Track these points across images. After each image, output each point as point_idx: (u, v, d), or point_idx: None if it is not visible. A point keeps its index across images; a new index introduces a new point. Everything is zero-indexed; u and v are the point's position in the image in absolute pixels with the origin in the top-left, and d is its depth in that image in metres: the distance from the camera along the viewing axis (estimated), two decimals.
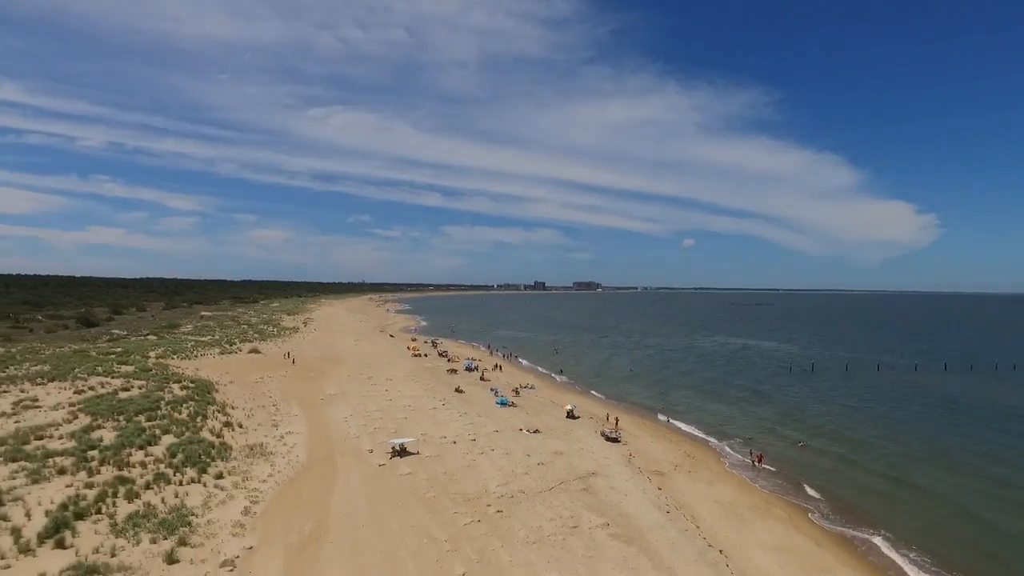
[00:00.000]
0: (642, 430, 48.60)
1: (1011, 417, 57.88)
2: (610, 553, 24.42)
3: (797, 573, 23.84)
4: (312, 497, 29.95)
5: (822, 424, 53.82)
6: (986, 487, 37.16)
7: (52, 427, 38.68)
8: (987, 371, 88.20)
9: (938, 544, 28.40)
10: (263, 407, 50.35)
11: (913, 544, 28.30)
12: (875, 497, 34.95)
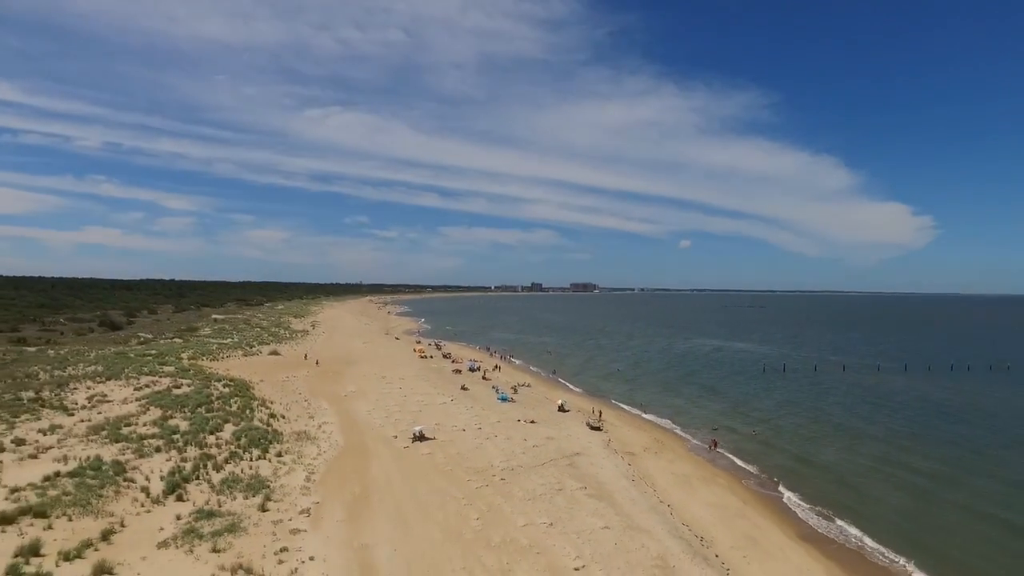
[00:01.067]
0: (621, 421, 57.04)
1: (928, 410, 67.38)
2: (586, 506, 32.78)
3: (720, 518, 32.27)
4: (355, 470, 38.21)
5: (774, 416, 62.51)
6: (873, 462, 46.28)
7: (132, 417, 46.84)
8: (939, 372, 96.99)
9: (828, 498, 37.82)
10: (296, 402, 58.55)
11: (810, 498, 37.84)
12: (794, 469, 43.85)
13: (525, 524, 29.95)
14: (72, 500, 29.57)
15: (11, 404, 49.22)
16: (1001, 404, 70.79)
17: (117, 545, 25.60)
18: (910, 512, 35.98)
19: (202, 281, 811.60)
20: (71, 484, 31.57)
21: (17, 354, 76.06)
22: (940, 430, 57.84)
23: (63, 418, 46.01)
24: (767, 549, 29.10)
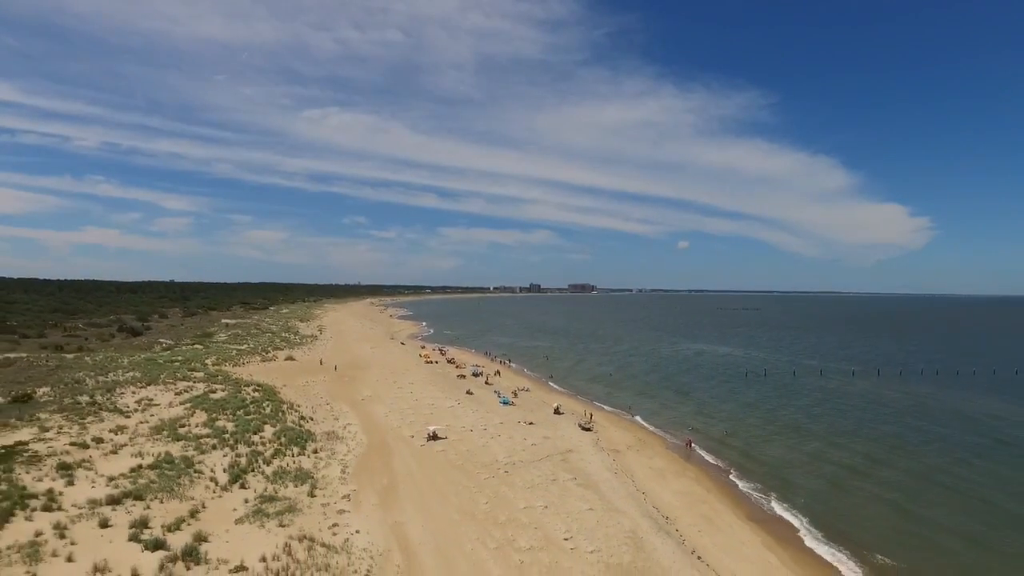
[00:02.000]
0: (609, 422, 64.15)
1: (876, 411, 75.23)
2: (575, 493, 39.85)
3: (684, 503, 39.40)
4: (381, 464, 45.22)
5: (745, 417, 69.88)
6: (811, 457, 54.02)
7: (183, 419, 53.77)
8: (908, 377, 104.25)
9: (770, 486, 45.33)
10: (320, 406, 65.49)
11: (758, 487, 45.18)
12: (756, 464, 51.10)
13: (525, 507, 37.01)
14: (159, 487, 36.53)
15: (73, 408, 56.13)
16: (944, 407, 78.13)
17: (203, 521, 32.53)
18: (827, 497, 43.55)
19: (202, 282, 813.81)
20: (154, 474, 38.53)
21: (59, 361, 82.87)
22: (876, 429, 65.38)
23: (122, 420, 52.92)
24: (719, 526, 36.20)
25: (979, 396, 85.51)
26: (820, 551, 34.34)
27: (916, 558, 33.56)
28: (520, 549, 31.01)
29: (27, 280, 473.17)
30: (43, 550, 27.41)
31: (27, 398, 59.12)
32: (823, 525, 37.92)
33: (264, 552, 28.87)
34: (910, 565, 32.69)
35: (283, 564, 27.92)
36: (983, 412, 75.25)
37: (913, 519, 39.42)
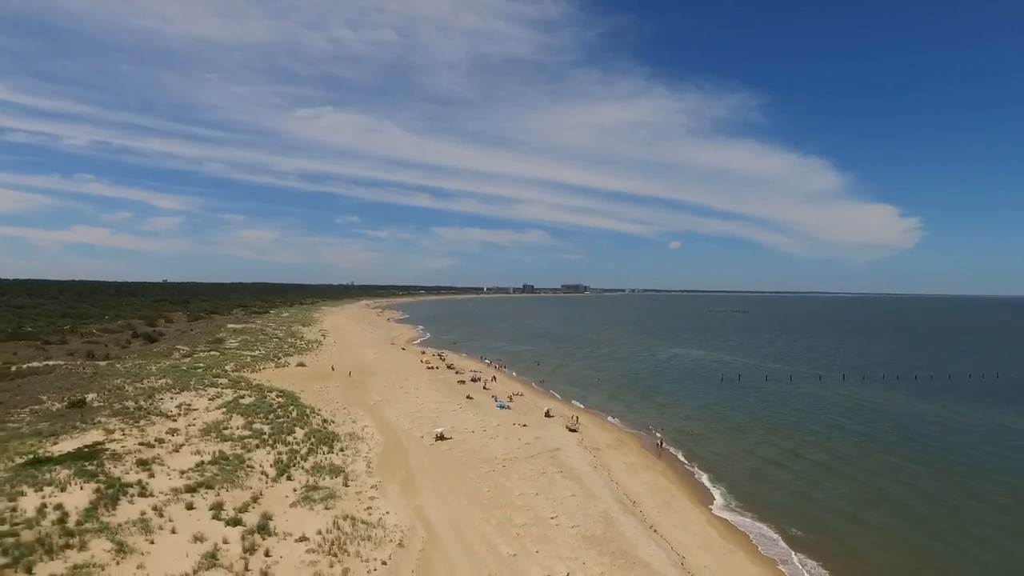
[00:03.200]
0: (593, 424, 73.00)
1: (822, 411, 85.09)
2: (560, 483, 48.60)
3: (649, 491, 48.23)
4: (398, 460, 53.76)
5: (713, 419, 78.87)
6: (769, 446, 62.45)
7: (224, 422, 62.02)
8: (870, 381, 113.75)
9: (723, 476, 54.25)
10: (337, 410, 73.83)
11: (712, 477, 53.87)
12: (710, 458, 60.28)
13: (520, 494, 45.72)
14: (222, 479, 44.93)
15: (124, 412, 64.32)
16: (881, 408, 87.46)
17: (263, 505, 40.94)
18: (758, 484, 52.77)
19: (196, 283, 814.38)
20: (215, 469, 46.90)
21: (95, 368, 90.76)
22: (816, 426, 75.79)
23: (171, 423, 61.16)
24: (675, 508, 45.08)
25: (918, 399, 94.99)
26: (746, 525, 43.36)
27: (818, 529, 42.80)
28: (516, 525, 39.72)
29: (23, 282, 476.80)
30: (151, 524, 35.84)
31: (81, 403, 67.20)
32: (751, 505, 47.48)
33: (318, 527, 37.40)
34: (822, 537, 41.69)
35: (335, 536, 36.48)
36: (910, 413, 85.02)
37: (813, 500, 49.19)
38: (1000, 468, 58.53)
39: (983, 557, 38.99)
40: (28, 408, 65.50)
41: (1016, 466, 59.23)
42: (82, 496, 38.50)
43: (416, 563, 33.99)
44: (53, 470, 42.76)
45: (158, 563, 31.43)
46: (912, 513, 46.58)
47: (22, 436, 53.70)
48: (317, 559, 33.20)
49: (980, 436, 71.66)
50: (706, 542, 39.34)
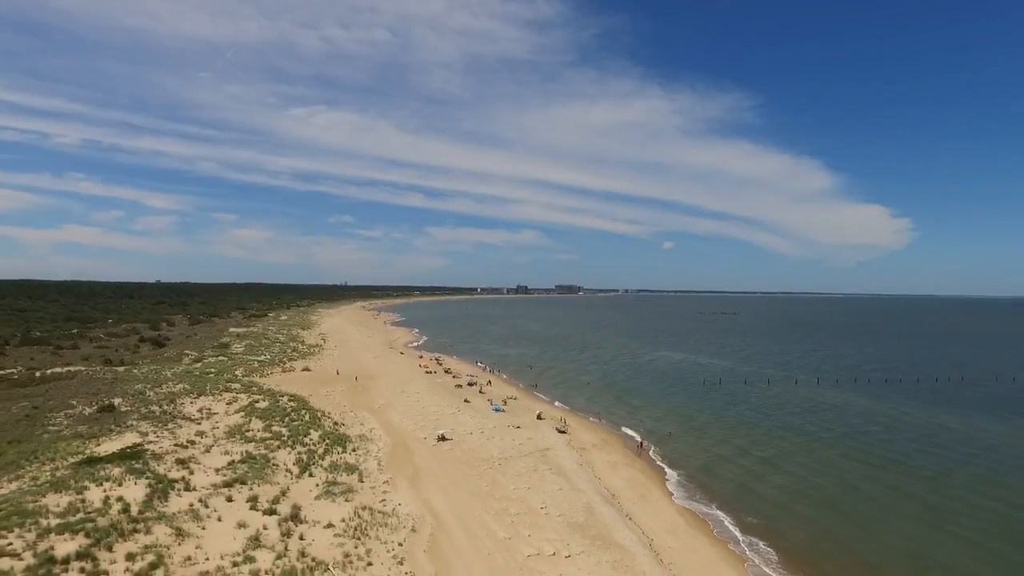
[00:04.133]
0: (581, 426, 79.63)
1: (789, 412, 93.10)
2: (549, 478, 55.16)
3: (628, 486, 54.86)
4: (405, 459, 60.13)
5: (691, 421, 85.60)
6: (726, 445, 69.38)
7: (244, 425, 68.13)
8: (843, 384, 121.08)
9: (691, 473, 60.61)
10: (345, 413, 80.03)
11: (685, 475, 60.27)
12: (682, 455, 66.78)
13: (514, 488, 52.26)
14: (253, 475, 51.17)
15: (151, 416, 70.34)
16: (842, 409, 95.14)
17: (291, 498, 47.18)
18: (720, 478, 59.51)
19: (189, 283, 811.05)
20: (245, 467, 53.14)
21: (114, 374, 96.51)
22: (772, 426, 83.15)
23: (196, 426, 67.28)
24: (649, 500, 51.75)
25: (875, 401, 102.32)
26: (706, 514, 50.10)
27: (762, 515, 49.75)
28: (511, 514, 46.25)
29: (15, 282, 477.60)
30: (200, 514, 42.11)
31: (111, 408, 73.10)
32: (711, 496, 54.63)
33: (341, 516, 43.77)
34: (768, 523, 48.54)
35: (357, 523, 42.88)
36: (861, 413, 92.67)
37: (756, 491, 56.38)
38: (921, 462, 66.35)
39: (882, 536, 46.46)
40: (63, 412, 71.35)
41: (936, 460, 67.22)
42: (137, 490, 44.69)
43: (427, 544, 40.43)
44: (105, 468, 48.87)
45: (212, 544, 37.73)
46: (833, 501, 54.13)
47: (66, 438, 59.70)
48: (344, 542, 39.58)
49: (916, 435, 79.35)
50: (672, 528, 46.04)
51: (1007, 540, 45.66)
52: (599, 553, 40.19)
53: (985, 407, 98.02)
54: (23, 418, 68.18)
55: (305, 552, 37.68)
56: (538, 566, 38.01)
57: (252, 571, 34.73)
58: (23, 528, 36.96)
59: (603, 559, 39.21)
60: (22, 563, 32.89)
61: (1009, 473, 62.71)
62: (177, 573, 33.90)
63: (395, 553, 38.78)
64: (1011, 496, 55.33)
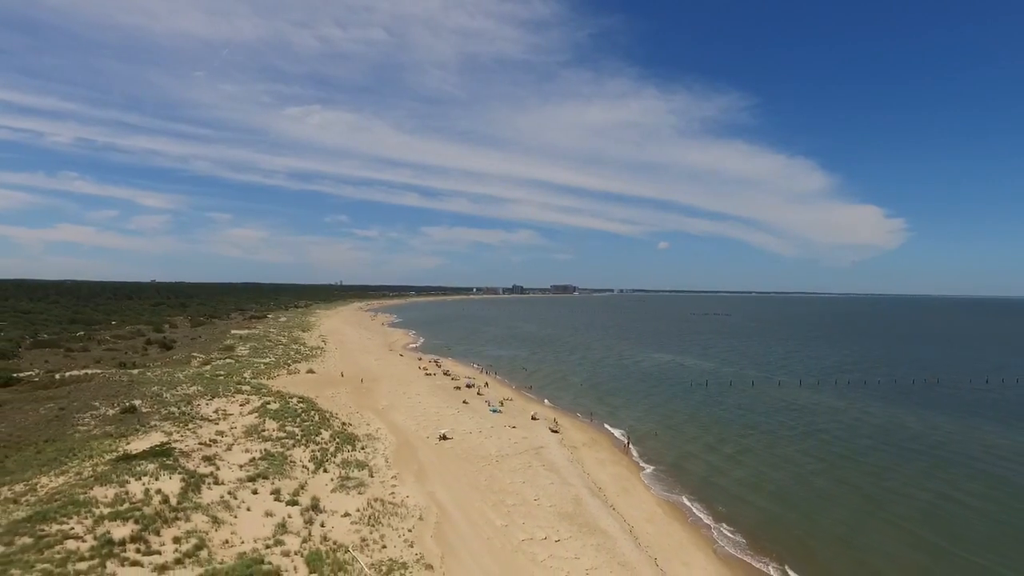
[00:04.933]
0: (572, 426, 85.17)
1: (763, 411, 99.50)
2: (542, 474, 60.65)
3: (613, 480, 60.40)
4: (410, 456, 65.46)
5: (673, 421, 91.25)
6: (696, 443, 74.98)
7: (259, 425, 73.26)
8: (823, 385, 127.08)
9: (668, 467, 66.32)
10: (352, 414, 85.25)
11: (663, 469, 65.88)
12: (671, 454, 72.37)
13: (510, 482, 57.71)
14: (273, 471, 56.40)
15: (171, 417, 75.40)
16: (816, 409, 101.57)
17: (310, 491, 52.44)
18: (697, 471, 65.44)
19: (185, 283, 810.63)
20: (265, 463, 58.37)
21: (130, 377, 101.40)
22: (741, 424, 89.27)
23: (215, 426, 72.38)
24: (632, 493, 57.31)
25: (844, 401, 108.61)
26: (680, 503, 55.75)
27: (729, 504, 55.52)
28: (507, 505, 51.72)
29: (9, 281, 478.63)
30: (231, 504, 47.38)
31: (132, 409, 78.14)
32: (687, 488, 60.58)
33: (356, 506, 49.11)
34: (731, 511, 54.28)
35: (370, 512, 48.22)
36: (827, 412, 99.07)
37: (718, 485, 62.04)
38: (871, 458, 72.62)
39: (821, 522, 52.72)
40: (88, 413, 76.37)
41: (884, 456, 73.51)
42: (173, 484, 49.89)
43: (433, 531, 45.82)
44: (140, 464, 54.01)
45: (245, 530, 43.02)
46: (783, 492, 60.35)
47: (97, 437, 64.78)
48: (360, 528, 44.94)
49: (872, 433, 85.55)
50: (651, 516, 51.62)
51: (931, 527, 51.70)
52: (585, 538, 45.70)
53: (947, 407, 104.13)
54: (53, 419, 73.16)
55: (327, 537, 43.01)
56: (531, 548, 43.49)
57: (283, 552, 40.06)
58: (80, 516, 42.18)
59: (588, 543, 44.73)
60: (86, 544, 38.11)
61: (947, 468, 69.03)
62: (218, 554, 39.18)
63: (406, 538, 44.16)
64: (944, 488, 61.65)
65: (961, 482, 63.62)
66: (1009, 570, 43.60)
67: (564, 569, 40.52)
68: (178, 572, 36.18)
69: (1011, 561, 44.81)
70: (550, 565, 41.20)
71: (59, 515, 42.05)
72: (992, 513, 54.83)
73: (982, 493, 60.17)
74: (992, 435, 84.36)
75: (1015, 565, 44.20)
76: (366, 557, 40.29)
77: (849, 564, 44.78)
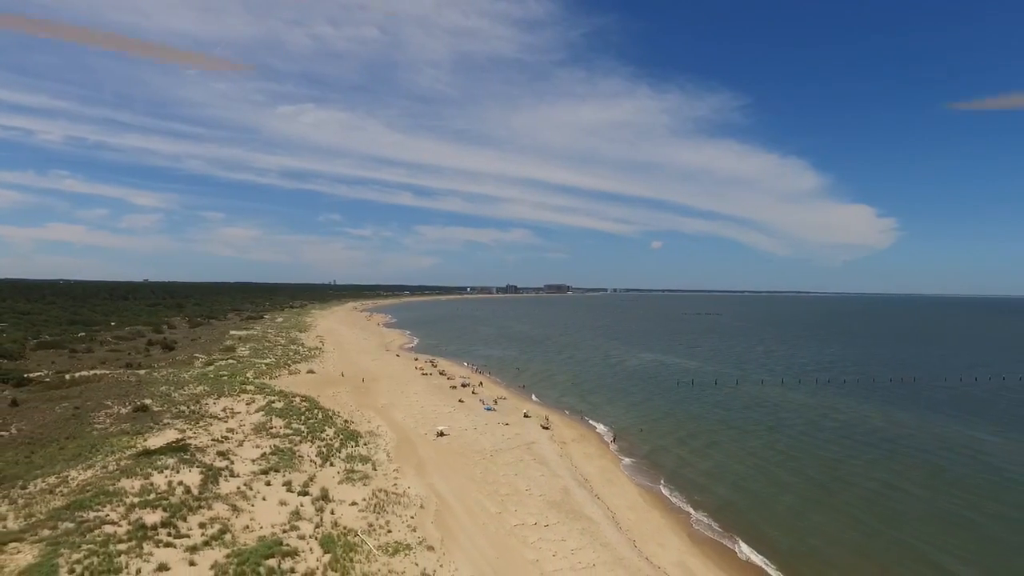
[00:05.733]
0: (562, 422, 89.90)
1: (741, 408, 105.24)
2: (533, 467, 65.32)
3: (599, 472, 65.16)
4: (410, 451, 69.95)
5: (658, 417, 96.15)
6: (682, 438, 79.86)
7: (267, 423, 77.50)
8: (805, 384, 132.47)
9: (650, 461, 70.91)
10: (353, 412, 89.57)
11: (647, 460, 70.68)
12: (650, 448, 77.24)
13: (503, 474, 62.33)
14: (283, 464, 60.74)
15: (182, 415, 79.54)
16: (788, 406, 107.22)
17: (319, 483, 56.78)
18: (675, 461, 70.13)
19: (180, 283, 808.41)
20: (275, 458, 62.70)
21: (137, 378, 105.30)
22: (715, 420, 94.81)
23: (225, 424, 76.58)
24: (615, 484, 62.08)
25: (816, 398, 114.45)
26: (659, 492, 60.57)
27: (700, 492, 60.21)
28: (500, 494, 56.35)
29: (11, 283, 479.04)
30: (248, 494, 51.75)
31: (144, 408, 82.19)
32: (668, 478, 65.41)
33: (362, 496, 53.58)
34: (704, 498, 59.08)
35: (376, 501, 52.71)
36: (797, 409, 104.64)
37: (685, 475, 66.72)
38: (827, 450, 78.47)
39: (773, 508, 58.21)
40: (102, 412, 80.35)
41: (840, 448, 79.39)
42: (193, 476, 54.22)
43: (433, 518, 50.37)
44: (160, 459, 58.28)
45: (262, 517, 47.42)
46: (746, 481, 65.75)
47: (114, 434, 68.87)
48: (367, 515, 49.43)
49: (834, 427, 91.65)
50: (633, 504, 56.41)
51: (870, 511, 57.23)
52: (571, 523, 50.40)
53: (913, 404, 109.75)
54: (70, 417, 77.15)
55: (337, 523, 47.47)
56: (522, 532, 48.14)
57: (299, 536, 44.50)
58: (112, 505, 46.51)
59: (574, 527, 49.45)
60: (122, 529, 42.46)
61: (895, 459, 74.70)
62: (241, 537, 43.58)
63: (409, 523, 48.69)
64: (889, 477, 67.28)
65: (905, 471, 69.47)
66: (930, 546, 49.67)
67: (551, 550, 45.17)
68: (207, 553, 40.57)
69: (934, 539, 51.11)
70: (539, 547, 45.84)
71: (93, 504, 46.38)
72: (926, 499, 60.91)
73: (922, 481, 66.09)
74: (945, 429, 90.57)
75: (936, 543, 50.43)
76: (373, 540, 44.79)
77: (792, 543, 50.20)
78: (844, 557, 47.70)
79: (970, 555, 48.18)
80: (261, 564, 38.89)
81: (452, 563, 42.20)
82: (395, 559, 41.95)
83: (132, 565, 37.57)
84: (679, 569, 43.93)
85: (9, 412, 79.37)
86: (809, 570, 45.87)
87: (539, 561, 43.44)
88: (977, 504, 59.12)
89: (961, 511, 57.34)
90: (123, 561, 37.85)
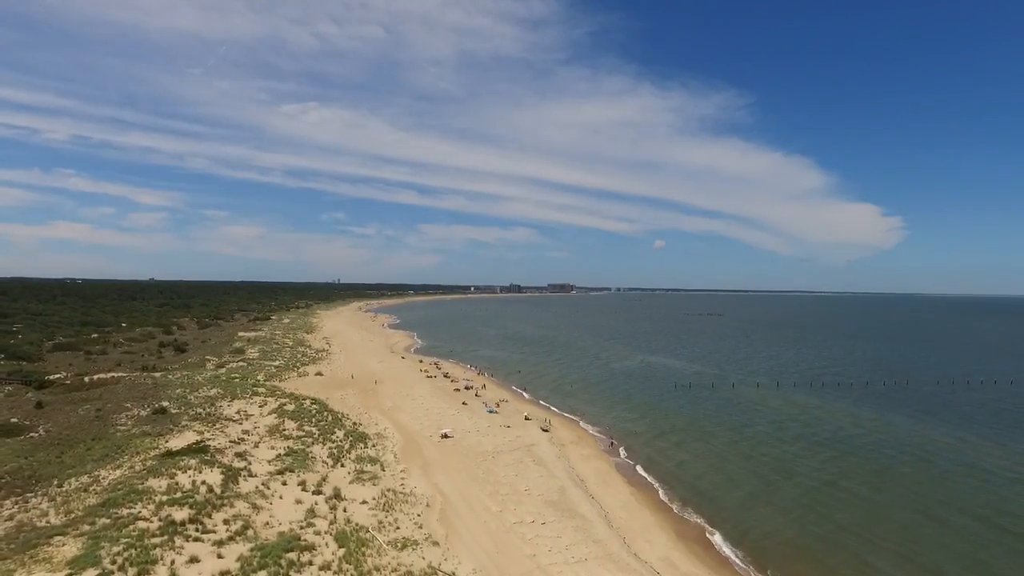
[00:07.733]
0: (561, 425, 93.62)
1: (731, 410, 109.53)
2: (532, 468, 69.07)
3: (594, 473, 68.88)
4: (415, 452, 73.78)
5: (654, 418, 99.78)
6: (674, 440, 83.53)
7: (280, 425, 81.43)
8: (800, 387, 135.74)
9: (644, 462, 74.55)
10: (361, 414, 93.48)
11: (645, 461, 74.42)
12: (645, 451, 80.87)
13: (504, 475, 66.12)
14: (297, 465, 64.64)
15: (198, 417, 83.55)
16: (782, 408, 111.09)
17: (331, 483, 60.62)
18: (667, 462, 73.75)
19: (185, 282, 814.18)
20: (290, 459, 66.62)
21: (153, 380, 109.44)
22: (705, 421, 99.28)
23: (240, 426, 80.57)
24: (610, 484, 65.80)
25: (807, 399, 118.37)
26: (651, 491, 64.25)
27: (689, 489, 63.93)
28: (501, 494, 60.15)
29: (20, 282, 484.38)
30: (266, 493, 55.67)
31: (163, 411, 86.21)
32: (658, 477, 69.48)
33: (372, 495, 57.44)
34: (691, 493, 62.79)
35: (385, 500, 56.56)
36: (787, 409, 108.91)
37: (676, 474, 70.29)
38: (791, 448, 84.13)
39: (732, 493, 64.23)
40: (123, 414, 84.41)
41: (801, 445, 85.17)
42: (214, 476, 58.15)
43: (438, 515, 54.21)
44: (183, 459, 62.24)
45: (281, 514, 51.33)
46: (732, 481, 70.10)
47: (137, 436, 72.88)
48: (377, 512, 53.29)
49: (826, 425, 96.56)
50: (625, 504, 60.15)
51: (808, 507, 62.06)
52: (566, 521, 54.17)
53: (892, 407, 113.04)
54: (93, 419, 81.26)
55: (350, 519, 51.32)
56: (521, 530, 51.94)
57: (315, 532, 48.36)
58: (143, 503, 50.46)
59: (569, 525, 53.22)
60: (154, 524, 46.39)
61: (848, 458, 79.47)
62: (262, 533, 47.48)
63: (416, 521, 52.53)
64: (834, 476, 71.69)
65: (852, 470, 74.22)
66: (857, 539, 54.17)
67: (547, 546, 48.95)
68: (232, 546, 44.45)
69: (866, 532, 55.67)
70: (536, 543, 49.61)
71: (126, 501, 50.34)
72: (865, 495, 65.57)
73: (866, 480, 70.57)
74: (907, 431, 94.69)
75: (866, 536, 54.98)
76: (384, 536, 48.63)
77: (733, 534, 55.00)
78: (826, 553, 51.47)
79: (895, 545, 52.71)
80: (282, 557, 42.74)
81: (456, 557, 45.99)
82: (403, 553, 45.75)
83: (167, 557, 41.48)
84: (664, 564, 47.62)
85: (36, 414, 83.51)
86: (778, 565, 49.76)
87: (536, 556, 47.21)
88: (910, 500, 64.02)
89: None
90: (158, 554, 41.74)
